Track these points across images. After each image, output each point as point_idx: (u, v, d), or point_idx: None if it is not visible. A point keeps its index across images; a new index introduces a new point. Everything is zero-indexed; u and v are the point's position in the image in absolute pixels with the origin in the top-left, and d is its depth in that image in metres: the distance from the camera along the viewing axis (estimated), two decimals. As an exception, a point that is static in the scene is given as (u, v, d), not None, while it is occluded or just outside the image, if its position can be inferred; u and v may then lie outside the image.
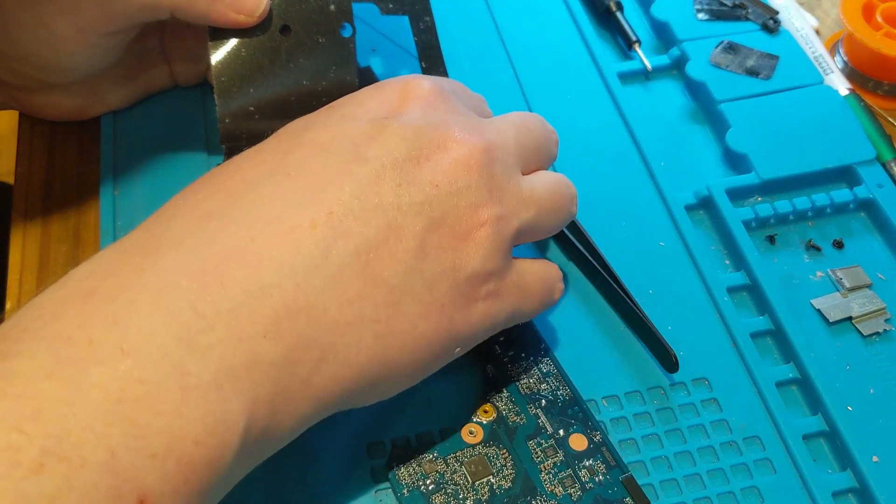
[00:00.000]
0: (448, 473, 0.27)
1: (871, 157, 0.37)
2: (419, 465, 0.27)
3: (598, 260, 0.33)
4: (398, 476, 0.27)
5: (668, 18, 0.42)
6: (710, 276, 0.34)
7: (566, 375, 0.30)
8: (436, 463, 0.28)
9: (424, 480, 0.27)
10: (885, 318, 0.33)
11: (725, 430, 0.30)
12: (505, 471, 0.28)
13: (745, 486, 0.29)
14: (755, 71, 0.40)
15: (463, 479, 0.27)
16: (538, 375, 0.30)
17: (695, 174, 0.37)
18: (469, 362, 0.30)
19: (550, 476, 0.28)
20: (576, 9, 0.43)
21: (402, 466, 0.27)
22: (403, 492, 0.27)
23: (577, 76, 0.41)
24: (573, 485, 0.27)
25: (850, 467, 0.29)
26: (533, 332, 0.31)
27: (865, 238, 0.36)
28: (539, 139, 0.29)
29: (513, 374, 0.30)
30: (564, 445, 0.28)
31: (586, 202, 0.36)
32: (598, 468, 0.28)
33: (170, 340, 0.20)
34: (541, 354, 0.30)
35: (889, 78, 0.41)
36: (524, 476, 0.28)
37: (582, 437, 0.28)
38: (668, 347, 0.30)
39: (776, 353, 0.33)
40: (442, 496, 0.27)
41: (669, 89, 0.41)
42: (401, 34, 0.41)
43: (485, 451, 0.28)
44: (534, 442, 0.28)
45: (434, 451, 0.28)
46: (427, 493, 0.27)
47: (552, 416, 0.29)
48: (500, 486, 0.27)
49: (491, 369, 0.30)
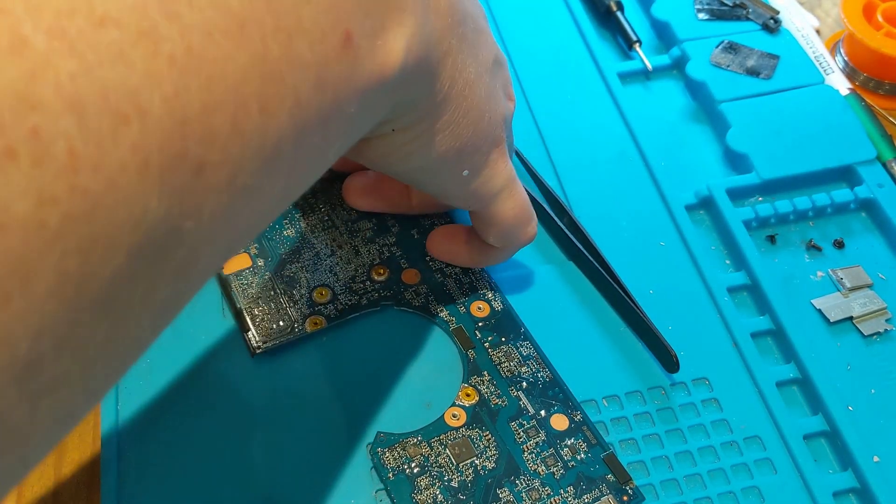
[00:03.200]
0: (432, 456, 0.28)
1: (872, 156, 0.37)
2: (403, 449, 0.28)
3: (598, 260, 0.33)
4: (383, 460, 0.27)
5: (669, 18, 0.42)
6: (711, 275, 0.34)
7: (546, 358, 0.30)
8: (420, 446, 0.28)
9: (409, 464, 0.28)
10: (885, 318, 0.33)
11: (726, 430, 0.30)
12: (488, 452, 0.28)
13: (745, 486, 0.29)
14: (756, 71, 0.40)
15: (447, 461, 0.28)
16: (518, 359, 0.30)
17: (695, 174, 0.37)
18: (451, 349, 0.31)
19: (533, 456, 0.28)
20: (576, 9, 0.43)
21: (386, 450, 0.28)
22: (389, 475, 0.27)
23: (577, 76, 0.40)
24: (556, 463, 0.28)
25: (850, 467, 0.29)
26: (512, 317, 0.31)
27: (866, 238, 0.36)
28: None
29: (494, 359, 0.30)
30: (546, 426, 0.29)
31: (586, 202, 0.36)
32: (580, 447, 0.28)
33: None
34: (521, 338, 0.31)
35: (890, 77, 0.41)
36: (507, 456, 0.28)
37: (563, 417, 0.29)
38: (668, 347, 0.30)
39: (777, 353, 0.32)
40: (427, 478, 0.27)
41: (670, 89, 0.41)
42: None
43: (468, 433, 0.28)
44: (516, 423, 0.29)
45: (418, 435, 0.28)
46: (412, 475, 0.27)
47: (533, 397, 0.29)
48: (483, 466, 0.28)
49: (472, 354, 0.30)
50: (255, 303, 0.31)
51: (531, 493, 0.27)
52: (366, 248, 0.32)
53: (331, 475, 0.28)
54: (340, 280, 0.32)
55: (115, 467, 0.27)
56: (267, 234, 0.33)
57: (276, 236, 0.33)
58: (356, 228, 0.33)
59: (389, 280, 0.32)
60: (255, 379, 0.30)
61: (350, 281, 0.32)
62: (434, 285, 0.32)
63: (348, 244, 0.33)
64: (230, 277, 0.31)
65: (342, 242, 0.33)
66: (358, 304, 0.31)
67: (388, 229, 0.33)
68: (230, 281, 0.31)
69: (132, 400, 0.29)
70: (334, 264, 0.32)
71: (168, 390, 0.29)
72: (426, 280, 0.32)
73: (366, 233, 0.33)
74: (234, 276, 0.31)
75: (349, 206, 0.33)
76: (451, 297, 0.32)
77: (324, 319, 0.30)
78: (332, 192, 0.34)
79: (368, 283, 0.32)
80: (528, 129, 0.38)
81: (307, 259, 0.32)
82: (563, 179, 0.36)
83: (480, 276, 0.32)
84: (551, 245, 0.35)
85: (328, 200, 0.34)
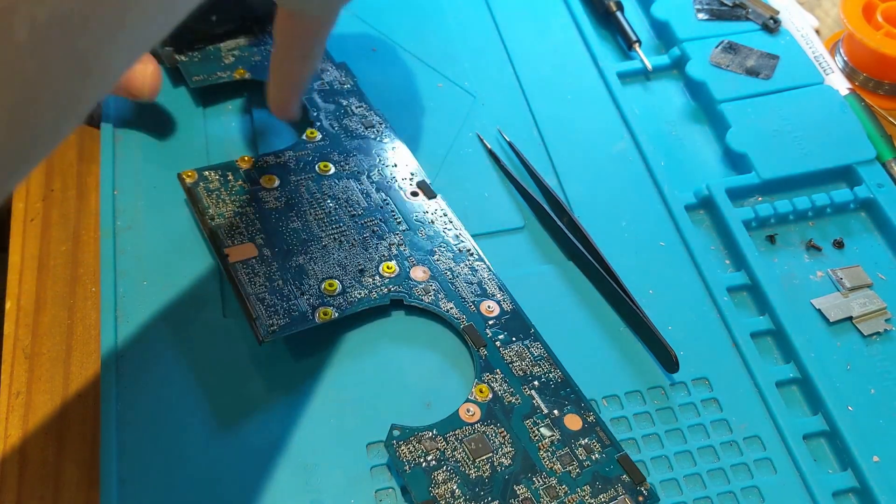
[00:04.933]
0: (448, 451, 0.28)
1: (872, 156, 0.37)
2: (419, 443, 0.28)
3: (598, 260, 0.33)
4: (399, 453, 0.27)
5: (668, 18, 0.42)
6: (711, 275, 0.34)
7: (557, 359, 0.30)
8: (436, 440, 0.28)
9: (426, 457, 0.27)
10: (885, 318, 0.33)
11: (726, 430, 0.30)
12: (504, 448, 0.28)
13: (745, 485, 0.29)
14: (755, 71, 0.40)
15: (464, 456, 0.28)
16: (530, 359, 0.30)
17: (695, 174, 0.37)
18: (463, 347, 0.31)
19: (549, 454, 0.28)
20: (576, 9, 0.43)
21: (402, 444, 0.27)
22: (405, 468, 0.27)
23: (577, 76, 0.41)
24: (571, 462, 0.28)
25: (850, 467, 0.29)
26: (521, 317, 0.31)
27: (866, 238, 0.36)
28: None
29: (506, 357, 0.30)
30: (560, 425, 0.29)
31: (586, 202, 0.36)
32: (594, 447, 0.28)
33: None
34: (531, 339, 0.31)
35: (889, 77, 0.41)
36: (523, 454, 0.28)
37: (576, 417, 0.29)
38: (668, 347, 0.30)
39: (776, 353, 0.32)
40: (444, 472, 0.27)
41: (669, 89, 0.41)
42: (401, 34, 0.41)
43: (483, 429, 0.28)
44: (530, 421, 0.29)
45: (433, 430, 0.28)
46: (429, 469, 0.27)
47: (546, 396, 0.29)
48: (500, 463, 0.28)
49: (484, 352, 0.30)
50: (262, 291, 0.30)
51: (549, 491, 0.27)
52: (374, 244, 0.33)
53: (331, 473, 0.28)
54: (349, 273, 0.32)
55: (115, 467, 0.27)
56: (273, 225, 0.33)
57: (283, 228, 0.33)
58: (364, 224, 0.33)
59: (398, 276, 0.32)
60: (257, 372, 0.30)
61: (358, 275, 0.32)
62: (443, 283, 0.32)
63: (356, 239, 0.33)
64: (237, 266, 0.31)
65: (351, 237, 0.33)
66: (368, 298, 0.31)
67: (396, 227, 0.33)
68: (237, 269, 0.31)
69: (132, 400, 0.29)
70: (342, 257, 0.32)
71: (168, 389, 0.29)
72: (435, 277, 0.32)
73: (374, 229, 0.33)
74: (241, 264, 0.31)
75: (356, 203, 0.34)
76: (460, 295, 0.32)
77: (333, 311, 0.30)
78: (336, 188, 0.34)
79: (378, 277, 0.32)
80: (529, 129, 0.38)
81: (315, 251, 0.32)
82: (562, 179, 0.36)
83: (489, 276, 0.32)
84: (551, 245, 0.35)
85: (335, 196, 0.34)
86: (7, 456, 0.28)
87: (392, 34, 0.41)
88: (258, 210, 0.33)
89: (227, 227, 0.32)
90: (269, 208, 0.33)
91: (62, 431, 0.29)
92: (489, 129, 0.38)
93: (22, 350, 0.31)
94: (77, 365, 0.30)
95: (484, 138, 0.38)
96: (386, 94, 0.38)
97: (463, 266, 0.32)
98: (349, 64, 0.39)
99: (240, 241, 0.32)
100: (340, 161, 0.35)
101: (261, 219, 0.32)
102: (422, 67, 0.40)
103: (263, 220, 0.32)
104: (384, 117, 0.37)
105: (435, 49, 0.41)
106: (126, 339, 0.30)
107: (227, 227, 0.32)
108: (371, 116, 0.37)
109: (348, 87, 0.38)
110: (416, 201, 0.34)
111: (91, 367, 0.30)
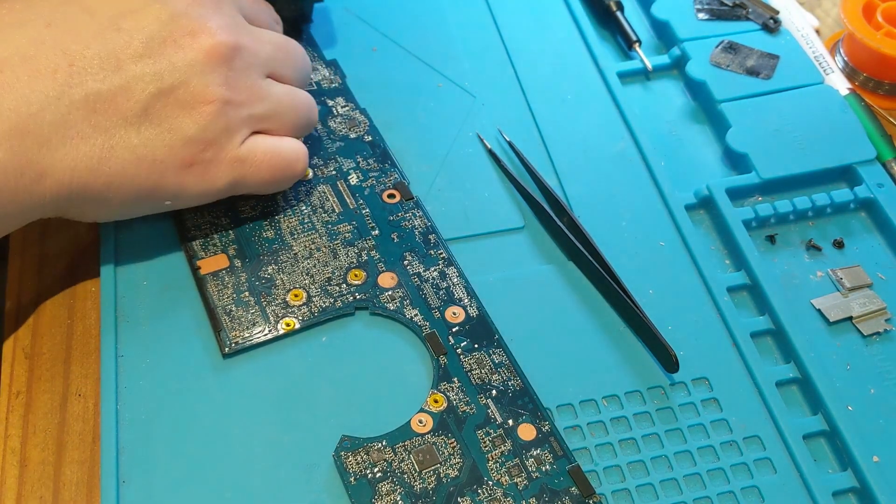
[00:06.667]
0: (396, 462, 0.28)
1: (872, 156, 0.37)
2: (367, 454, 0.28)
3: (598, 260, 0.33)
4: (346, 464, 0.27)
5: (668, 18, 0.42)
6: (710, 275, 0.34)
7: (518, 366, 0.30)
8: (384, 451, 0.28)
9: (372, 468, 0.27)
10: (885, 318, 0.33)
11: (725, 430, 0.30)
12: (452, 459, 0.28)
13: (745, 486, 0.29)
14: (755, 71, 0.40)
15: (410, 467, 0.27)
16: (490, 366, 0.30)
17: (695, 174, 0.37)
18: (423, 354, 0.31)
19: (497, 465, 0.28)
20: (576, 9, 0.43)
21: (349, 454, 0.27)
22: (350, 479, 0.27)
23: (577, 76, 0.41)
24: (520, 474, 0.28)
25: (850, 467, 0.29)
26: (486, 323, 0.31)
27: (866, 238, 0.36)
28: (294, 59, 0.33)
29: (465, 365, 0.30)
30: (513, 435, 0.28)
31: (586, 202, 0.36)
32: (546, 458, 0.28)
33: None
34: (494, 345, 0.31)
35: (889, 77, 0.41)
36: (472, 465, 0.28)
37: (531, 427, 0.29)
38: (668, 347, 0.30)
39: (776, 353, 0.32)
40: (388, 484, 0.27)
41: (669, 89, 0.41)
42: (401, 34, 0.41)
43: (433, 440, 0.28)
44: (482, 431, 0.28)
45: (383, 440, 0.28)
46: (374, 480, 0.27)
47: (502, 406, 0.29)
48: (446, 474, 0.27)
49: (444, 360, 0.30)
50: (229, 303, 0.31)
51: (492, 503, 0.27)
52: (344, 251, 0.33)
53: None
54: (316, 282, 0.32)
55: (115, 467, 0.27)
56: (246, 235, 0.33)
57: (256, 238, 0.33)
58: (336, 231, 0.33)
59: (365, 283, 0.32)
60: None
61: (325, 283, 0.32)
62: (410, 289, 0.32)
63: (327, 247, 0.33)
64: (206, 277, 0.31)
65: (321, 245, 0.33)
66: (332, 307, 0.31)
67: (369, 233, 0.33)
68: (206, 281, 0.31)
69: (132, 400, 0.29)
70: (311, 266, 0.32)
71: (168, 391, 0.29)
72: (403, 284, 0.32)
73: (346, 235, 0.33)
74: (211, 276, 0.31)
75: (330, 209, 0.34)
76: (426, 301, 0.32)
77: (296, 321, 0.31)
78: (313, 193, 0.34)
79: (344, 285, 0.32)
80: (529, 128, 0.38)
81: (285, 261, 0.32)
82: (563, 179, 0.36)
83: (458, 281, 0.32)
84: (551, 245, 0.35)
85: (310, 202, 0.34)
86: (7, 456, 0.28)
87: (392, 34, 0.41)
88: (234, 220, 0.33)
89: (202, 239, 0.32)
90: (244, 217, 0.33)
91: (62, 431, 0.29)
92: (489, 128, 0.38)
93: (22, 350, 0.31)
94: (77, 365, 0.30)
95: (484, 138, 0.38)
96: (386, 94, 0.38)
97: (432, 270, 0.32)
98: (349, 64, 0.39)
99: (213, 252, 0.32)
100: (321, 165, 0.35)
101: (235, 229, 0.33)
102: (422, 67, 0.40)
103: (238, 230, 0.33)
104: (369, 116, 0.37)
105: (435, 49, 0.41)
106: (126, 339, 0.30)
107: (202, 239, 0.32)
108: (356, 116, 0.37)
109: (335, 85, 0.38)
110: (393, 203, 0.34)
111: (91, 367, 0.30)
